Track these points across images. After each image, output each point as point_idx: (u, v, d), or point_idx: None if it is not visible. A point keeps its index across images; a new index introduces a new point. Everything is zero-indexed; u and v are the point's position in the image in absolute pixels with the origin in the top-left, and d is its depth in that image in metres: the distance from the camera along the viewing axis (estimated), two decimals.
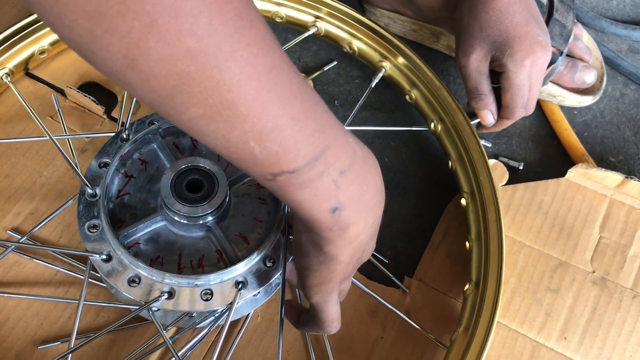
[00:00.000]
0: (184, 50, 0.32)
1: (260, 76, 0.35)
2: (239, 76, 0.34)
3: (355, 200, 0.43)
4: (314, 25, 0.80)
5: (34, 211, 0.69)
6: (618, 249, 0.70)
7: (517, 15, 0.65)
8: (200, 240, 0.62)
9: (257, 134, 0.37)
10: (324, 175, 0.40)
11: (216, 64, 0.33)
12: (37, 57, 0.76)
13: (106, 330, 0.58)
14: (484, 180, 0.67)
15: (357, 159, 0.42)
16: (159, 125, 0.65)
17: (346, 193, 0.42)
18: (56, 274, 0.65)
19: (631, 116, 0.83)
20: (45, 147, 0.72)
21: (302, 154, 0.39)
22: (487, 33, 0.65)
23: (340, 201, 0.42)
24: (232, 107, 0.35)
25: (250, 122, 0.36)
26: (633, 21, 0.92)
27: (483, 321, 0.60)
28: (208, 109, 0.34)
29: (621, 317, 0.66)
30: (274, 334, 0.64)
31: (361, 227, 0.44)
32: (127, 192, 0.64)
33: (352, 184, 0.42)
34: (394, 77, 0.78)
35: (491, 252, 0.63)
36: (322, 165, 0.40)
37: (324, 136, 0.40)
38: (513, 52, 0.65)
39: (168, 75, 0.32)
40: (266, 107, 0.36)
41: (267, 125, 0.36)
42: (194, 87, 0.33)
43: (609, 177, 0.72)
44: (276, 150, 0.38)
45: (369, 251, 0.50)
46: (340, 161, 0.41)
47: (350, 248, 0.45)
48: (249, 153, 0.38)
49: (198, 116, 0.35)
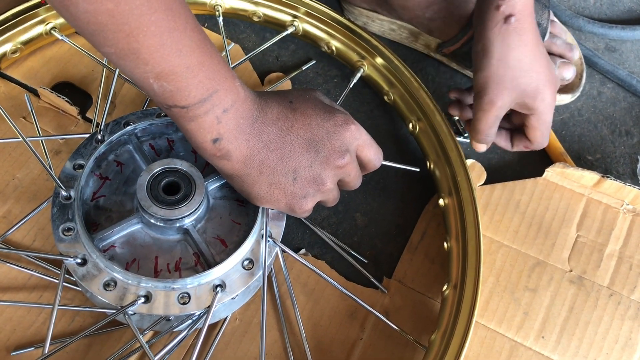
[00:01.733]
0: (104, 9, 0.44)
1: (163, 34, 0.47)
2: (145, 33, 0.46)
3: (234, 131, 0.54)
4: (292, 24, 0.79)
5: (7, 214, 0.67)
6: (595, 247, 0.70)
7: (544, 57, 0.66)
8: (177, 243, 0.61)
9: (156, 75, 0.48)
10: (209, 112, 0.52)
11: (127, 22, 0.45)
12: (10, 57, 0.74)
13: (81, 335, 0.57)
14: (462, 180, 0.67)
15: (239, 99, 0.54)
16: (135, 127, 0.64)
17: (226, 126, 0.53)
18: (30, 278, 0.64)
19: (608, 114, 0.83)
20: (18, 149, 0.71)
21: (192, 95, 0.50)
22: (518, 82, 0.64)
23: (221, 133, 0.53)
24: (137, 53, 0.47)
25: (150, 66, 0.48)
26: (610, 20, 0.92)
27: (461, 322, 0.60)
28: (118, 50, 0.47)
29: (598, 315, 0.67)
30: (252, 336, 0.64)
31: (245, 150, 0.55)
32: (102, 195, 0.63)
33: (232, 119, 0.53)
34: (373, 77, 0.78)
35: (469, 253, 0.63)
36: (209, 105, 0.51)
37: (214, 83, 0.51)
38: (544, 97, 0.65)
39: (90, 22, 0.45)
40: (164, 57, 0.47)
41: (164, 70, 0.48)
42: (109, 33, 0.45)
43: (585, 176, 0.72)
44: (171, 89, 0.49)
45: (303, 170, 0.57)
46: (224, 102, 0.52)
47: (253, 169, 0.56)
48: (149, 87, 0.50)
49: (110, 53, 0.47)
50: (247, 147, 0.55)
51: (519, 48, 0.63)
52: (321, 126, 0.57)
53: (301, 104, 0.58)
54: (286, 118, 0.57)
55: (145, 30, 0.46)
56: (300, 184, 0.57)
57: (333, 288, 0.67)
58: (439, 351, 0.59)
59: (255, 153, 0.56)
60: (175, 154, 0.66)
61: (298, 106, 0.58)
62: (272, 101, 0.57)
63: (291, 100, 0.58)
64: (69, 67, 0.78)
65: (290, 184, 0.57)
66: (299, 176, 0.57)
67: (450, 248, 0.66)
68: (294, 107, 0.58)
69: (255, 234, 0.60)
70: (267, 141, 0.56)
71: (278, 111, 0.57)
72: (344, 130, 0.58)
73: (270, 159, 0.56)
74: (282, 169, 0.56)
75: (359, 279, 0.68)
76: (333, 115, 0.58)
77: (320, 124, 0.58)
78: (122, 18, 0.45)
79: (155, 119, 0.65)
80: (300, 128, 0.57)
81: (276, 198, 0.57)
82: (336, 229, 0.72)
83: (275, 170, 0.56)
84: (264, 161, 0.56)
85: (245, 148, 0.55)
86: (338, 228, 0.72)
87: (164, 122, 0.65)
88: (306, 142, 0.57)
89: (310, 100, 0.59)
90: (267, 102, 0.57)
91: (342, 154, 0.58)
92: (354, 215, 0.73)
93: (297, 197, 0.58)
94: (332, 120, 0.58)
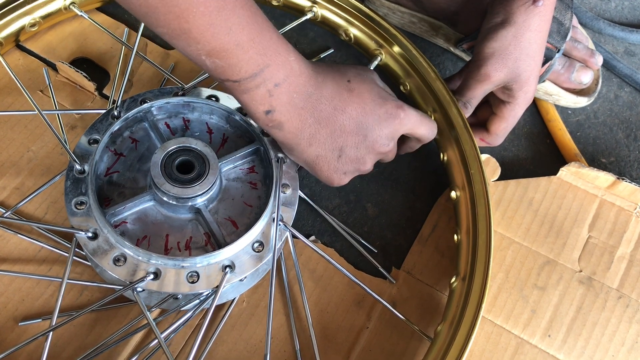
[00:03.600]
0: None
1: (212, 14, 0.48)
2: (194, 13, 0.47)
3: (286, 104, 0.55)
4: (311, 10, 0.79)
5: (20, 186, 0.68)
6: (606, 249, 0.70)
7: (543, 53, 0.66)
8: (188, 222, 0.61)
9: (207, 52, 0.50)
10: (261, 86, 0.53)
11: (177, 4, 0.47)
12: (28, 30, 0.75)
13: (89, 308, 0.57)
14: (475, 173, 0.67)
15: (292, 74, 0.55)
16: (151, 104, 0.64)
17: (278, 100, 0.55)
18: (40, 250, 0.64)
19: (624, 118, 0.83)
20: (34, 122, 0.71)
21: (244, 70, 0.52)
22: (519, 64, 0.65)
23: (273, 105, 0.55)
24: (188, 33, 0.49)
25: (201, 44, 0.49)
26: (630, 24, 0.92)
27: (468, 315, 0.60)
28: (170, 30, 0.49)
29: (605, 317, 0.66)
30: (259, 319, 0.64)
31: (297, 122, 0.57)
32: (116, 170, 0.63)
33: (285, 93, 0.55)
34: (390, 65, 0.77)
35: (479, 246, 0.63)
36: (260, 79, 0.53)
37: (265, 58, 0.52)
38: (528, 89, 0.66)
39: (142, 5, 0.47)
40: (215, 36, 0.49)
41: (215, 48, 0.50)
42: (160, 15, 0.47)
43: (600, 177, 0.72)
44: (222, 65, 0.51)
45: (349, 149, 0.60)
46: (276, 76, 0.54)
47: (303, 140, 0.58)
48: (202, 63, 0.52)
49: (163, 32, 0.50)
50: (299, 120, 0.57)
51: (535, 32, 0.64)
52: (374, 111, 0.59)
53: (358, 85, 0.59)
54: (341, 98, 0.58)
55: (195, 11, 0.47)
56: (343, 161, 0.60)
57: (341, 276, 0.67)
58: (444, 343, 0.59)
59: (306, 126, 0.57)
60: (191, 134, 0.66)
61: (355, 87, 0.59)
62: (329, 78, 0.58)
63: (349, 80, 0.59)
64: (88, 43, 0.78)
65: (335, 160, 0.60)
66: (344, 154, 0.60)
67: (460, 241, 0.66)
68: (351, 87, 0.59)
69: (267, 216, 0.60)
70: (320, 117, 0.57)
71: (334, 90, 0.58)
72: (394, 119, 0.60)
73: (321, 134, 0.58)
74: (330, 145, 0.59)
75: (367, 268, 0.68)
76: (386, 101, 0.60)
77: (373, 109, 0.59)
78: (171, 0, 0.46)
79: (172, 97, 0.65)
80: (354, 110, 0.58)
81: (319, 168, 0.61)
82: (347, 218, 0.71)
83: (323, 145, 0.59)
84: (314, 135, 0.58)
85: (298, 121, 0.57)
86: (349, 217, 0.72)
87: (180, 101, 0.65)
88: (357, 125, 0.59)
89: (367, 82, 0.60)
90: (324, 79, 0.58)
91: (387, 142, 0.61)
92: (365, 205, 0.73)
93: (338, 172, 0.61)
94: (384, 106, 0.60)
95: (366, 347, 0.64)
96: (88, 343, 0.61)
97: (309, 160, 0.60)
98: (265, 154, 0.64)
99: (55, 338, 0.60)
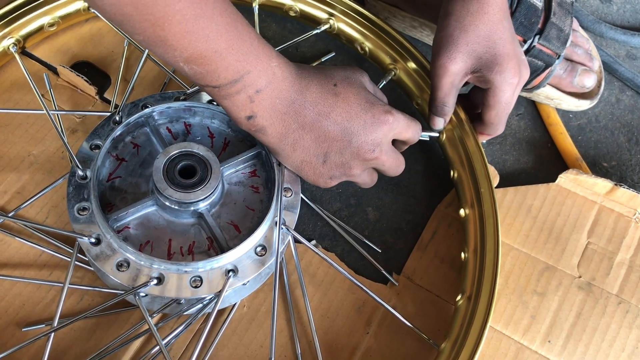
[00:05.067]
0: (127, 1, 0.45)
1: (188, 22, 0.48)
2: (170, 21, 0.47)
3: (268, 110, 0.55)
4: (327, 22, 0.79)
5: (21, 190, 0.68)
6: (605, 255, 0.70)
7: (506, 32, 0.64)
8: (191, 226, 0.61)
9: (185, 59, 0.50)
10: (241, 92, 0.53)
11: (151, 12, 0.46)
12: (47, 29, 0.75)
13: (91, 311, 0.57)
14: (485, 192, 0.67)
15: (274, 80, 0.54)
16: (153, 109, 0.64)
17: (259, 105, 0.55)
18: (41, 255, 0.65)
19: (626, 122, 0.83)
20: (35, 126, 0.71)
21: (222, 77, 0.52)
22: (474, 48, 0.63)
23: (254, 111, 0.55)
24: (164, 40, 0.49)
25: (178, 51, 0.49)
26: (632, 27, 0.92)
27: (472, 334, 0.59)
28: (146, 38, 0.49)
29: (605, 322, 0.67)
30: (259, 324, 0.64)
31: (280, 128, 0.57)
32: (118, 176, 0.63)
33: (266, 99, 0.55)
34: (404, 81, 0.77)
35: (486, 266, 0.63)
36: (240, 85, 0.53)
37: (245, 64, 0.52)
38: (502, 69, 0.63)
39: (116, 14, 0.47)
40: (192, 43, 0.49)
41: (192, 55, 0.50)
42: (135, 23, 0.47)
43: (598, 183, 0.72)
44: (200, 71, 0.51)
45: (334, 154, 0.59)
46: (257, 83, 0.53)
47: (287, 146, 0.58)
48: (180, 69, 0.52)
49: (140, 40, 0.49)
50: (282, 125, 0.57)
51: (477, 14, 0.62)
52: (360, 116, 0.58)
53: (344, 89, 0.59)
54: (326, 103, 0.58)
55: (171, 19, 0.47)
56: (329, 166, 0.60)
57: (341, 281, 0.67)
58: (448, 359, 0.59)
59: (290, 132, 0.57)
60: (192, 138, 0.66)
61: (341, 90, 0.58)
62: (313, 83, 0.58)
63: (335, 84, 0.59)
64: (89, 47, 0.78)
65: (320, 165, 0.60)
66: (329, 159, 0.60)
67: (467, 259, 0.66)
68: (337, 91, 0.58)
69: (269, 220, 0.60)
70: (304, 123, 0.57)
71: (319, 95, 0.57)
72: (381, 124, 0.59)
73: (305, 139, 0.58)
74: (314, 151, 0.59)
75: (368, 273, 0.68)
76: (373, 106, 0.59)
77: (359, 114, 0.58)
78: (146, 9, 0.46)
79: (173, 102, 0.65)
80: (339, 115, 0.58)
81: (305, 173, 0.61)
82: (347, 222, 0.72)
83: (308, 150, 0.59)
84: (298, 140, 0.58)
85: (281, 126, 0.57)
86: (349, 221, 0.72)
87: (181, 105, 0.65)
88: (341, 130, 0.58)
89: (354, 86, 0.59)
90: (308, 84, 0.57)
91: (372, 148, 0.59)
92: (366, 209, 0.73)
93: (324, 177, 0.61)
94: (371, 111, 0.59)
95: (366, 353, 0.64)
96: (89, 348, 0.61)
97: (294, 165, 0.61)
98: (267, 158, 0.64)
99: (56, 343, 0.60)
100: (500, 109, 0.66)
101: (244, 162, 0.64)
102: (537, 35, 0.72)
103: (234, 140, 0.67)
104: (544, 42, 0.72)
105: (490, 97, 0.66)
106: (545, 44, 0.72)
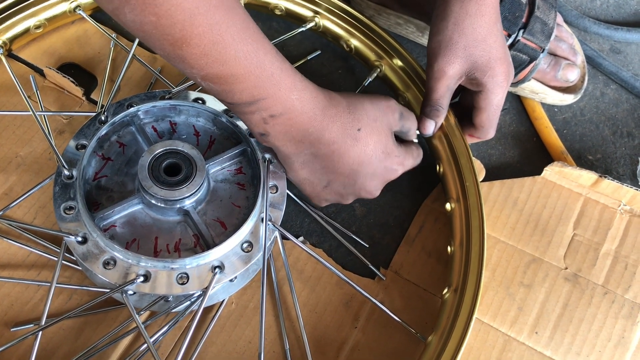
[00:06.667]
0: (147, 21, 0.47)
1: (205, 46, 0.49)
2: (188, 44, 0.48)
3: (281, 134, 0.57)
4: (313, 20, 0.80)
5: (9, 191, 0.68)
6: (591, 246, 0.71)
7: (500, 34, 0.65)
8: (177, 224, 0.61)
9: (203, 78, 0.52)
10: (255, 113, 0.55)
11: (170, 33, 0.48)
12: (33, 32, 0.76)
13: (80, 309, 0.57)
14: (470, 186, 0.67)
15: (292, 110, 0.55)
16: (138, 108, 0.64)
17: (273, 128, 0.56)
18: (29, 255, 0.65)
19: (610, 115, 0.84)
20: (22, 127, 0.71)
21: (237, 97, 0.53)
22: (471, 52, 0.63)
23: (267, 131, 0.56)
24: (183, 60, 0.50)
25: (196, 70, 0.51)
26: (616, 21, 0.93)
27: (459, 326, 0.60)
28: (166, 54, 0.50)
29: (592, 313, 0.67)
30: (247, 320, 0.64)
31: (292, 149, 0.58)
32: (104, 175, 0.63)
33: (280, 124, 0.56)
34: (389, 77, 0.77)
35: (472, 258, 0.63)
36: (255, 107, 0.54)
37: (261, 91, 0.53)
38: (494, 73, 0.64)
39: (138, 30, 0.48)
40: (208, 65, 0.50)
41: (209, 75, 0.51)
42: (155, 41, 0.49)
43: (583, 175, 0.73)
44: (217, 89, 0.53)
45: (336, 185, 0.62)
46: (272, 109, 0.54)
47: (296, 163, 0.60)
48: (199, 84, 0.53)
49: (162, 55, 0.51)
50: (295, 148, 0.59)
51: (476, 16, 0.62)
52: (371, 164, 0.61)
53: (367, 135, 0.60)
54: (344, 145, 0.59)
55: (189, 42, 0.48)
56: (328, 191, 0.63)
57: (329, 276, 0.67)
58: (434, 353, 0.60)
59: (302, 154, 0.59)
60: (178, 137, 0.66)
61: (363, 136, 0.59)
62: (337, 123, 0.58)
63: (359, 128, 0.59)
64: (75, 48, 0.78)
65: (320, 188, 0.63)
66: (330, 187, 0.63)
67: (453, 252, 0.67)
68: (359, 136, 0.59)
69: (255, 216, 0.60)
70: (316, 153, 0.59)
71: (338, 136, 0.58)
72: (389, 174, 0.64)
73: (315, 164, 0.60)
74: (320, 176, 0.62)
75: (355, 268, 0.69)
76: (387, 157, 0.62)
77: (372, 162, 0.61)
78: (164, 29, 0.47)
79: (159, 101, 0.65)
80: (352, 159, 0.60)
81: (304, 188, 0.64)
82: (335, 218, 0.72)
83: (314, 173, 0.62)
84: (307, 162, 0.60)
85: (293, 148, 0.59)
86: (337, 217, 0.72)
87: (167, 104, 0.66)
88: (350, 171, 0.61)
89: (377, 132, 0.61)
90: (330, 122, 0.58)
91: (372, 192, 0.64)
92: (353, 205, 0.73)
93: (320, 198, 0.65)
94: (384, 162, 0.62)
95: (354, 347, 0.64)
96: (77, 347, 0.61)
97: (297, 179, 0.63)
98: (253, 155, 0.64)
99: (44, 342, 0.61)
100: (492, 111, 0.67)
101: (229, 159, 0.65)
102: (521, 30, 0.72)
103: (220, 138, 0.67)
104: (528, 36, 0.72)
105: (482, 100, 0.66)
106: (530, 38, 0.73)
